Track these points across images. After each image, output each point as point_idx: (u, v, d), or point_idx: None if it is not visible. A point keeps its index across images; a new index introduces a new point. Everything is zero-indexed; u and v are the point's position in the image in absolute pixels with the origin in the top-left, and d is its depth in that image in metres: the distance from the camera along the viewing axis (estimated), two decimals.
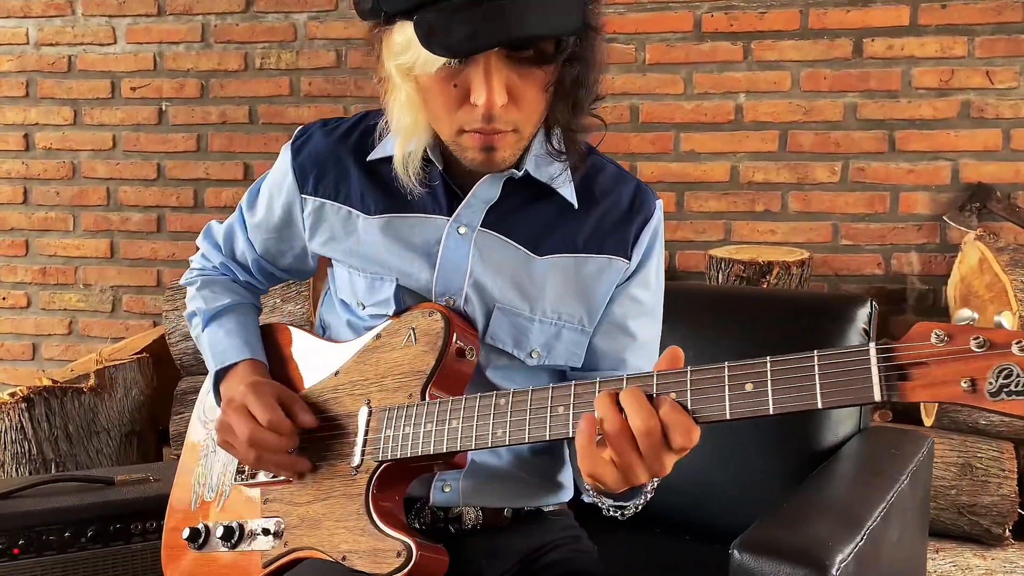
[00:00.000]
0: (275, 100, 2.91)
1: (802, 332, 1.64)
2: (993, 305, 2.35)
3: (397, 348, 1.10)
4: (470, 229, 1.13)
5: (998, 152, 2.56)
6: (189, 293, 1.32)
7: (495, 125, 1.00)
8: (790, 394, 0.78)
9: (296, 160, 1.19)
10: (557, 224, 1.15)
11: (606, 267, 1.15)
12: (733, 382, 0.81)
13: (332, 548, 1.04)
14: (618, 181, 1.19)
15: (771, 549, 0.93)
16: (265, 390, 1.11)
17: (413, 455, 1.01)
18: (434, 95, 1.02)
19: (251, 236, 1.27)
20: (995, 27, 2.54)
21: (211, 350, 1.24)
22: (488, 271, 1.12)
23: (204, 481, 1.24)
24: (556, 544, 1.19)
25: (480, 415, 0.97)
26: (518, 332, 1.13)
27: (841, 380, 0.75)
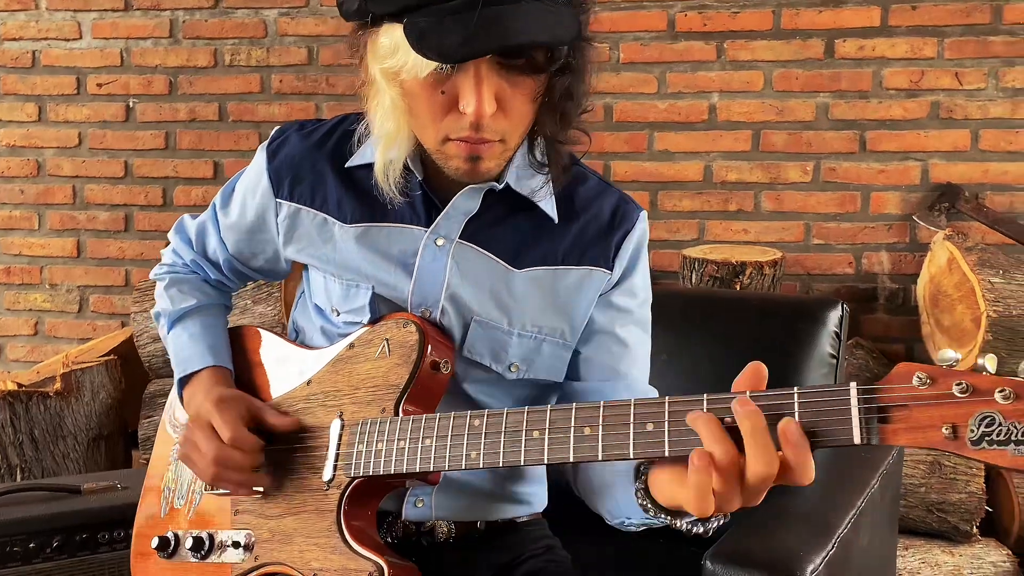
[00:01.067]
0: (245, 97, 2.87)
1: (775, 335, 1.65)
2: (962, 304, 2.38)
3: (371, 359, 1.08)
4: (448, 241, 1.11)
5: (966, 152, 2.59)
6: (157, 290, 1.30)
7: (482, 134, 0.99)
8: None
9: (271, 164, 1.17)
10: (536, 237, 1.13)
11: (586, 278, 1.14)
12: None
13: (303, 565, 1.02)
14: (599, 193, 1.18)
15: (743, 560, 0.93)
16: (231, 406, 1.10)
17: (386, 472, 1.00)
18: (420, 101, 1.00)
19: (224, 235, 1.25)
20: (964, 28, 2.56)
21: (175, 355, 1.22)
22: (466, 284, 1.11)
23: (174, 488, 1.22)
24: (530, 554, 1.19)
25: (454, 435, 0.96)
26: (496, 345, 1.12)
27: (821, 420, 0.74)
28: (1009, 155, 2.58)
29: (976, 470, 2.20)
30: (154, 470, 1.29)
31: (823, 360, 1.60)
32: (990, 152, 2.58)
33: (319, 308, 1.19)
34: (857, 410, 0.72)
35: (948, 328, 2.44)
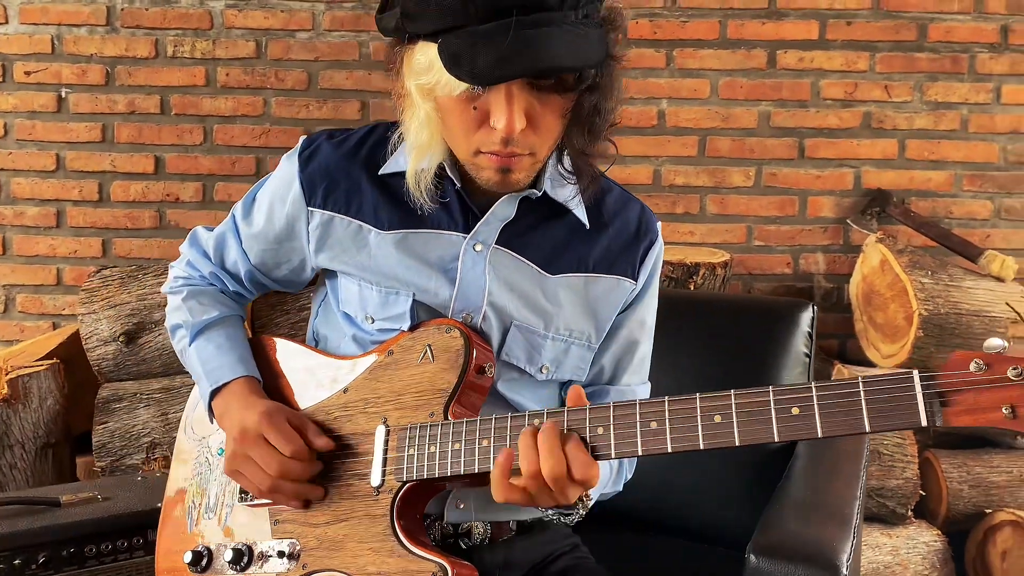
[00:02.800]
0: (189, 90, 2.78)
1: (752, 335, 1.74)
2: (894, 303, 2.55)
3: (412, 365, 1.10)
4: (485, 247, 1.14)
5: (895, 160, 2.77)
6: (172, 303, 1.27)
7: (512, 148, 1.02)
8: (838, 419, 0.84)
9: (304, 172, 1.17)
10: (568, 244, 1.17)
11: (614, 287, 1.19)
12: (779, 405, 0.87)
13: (358, 570, 1.03)
14: (624, 203, 1.23)
15: (786, 553, 1.00)
16: (280, 418, 1.09)
17: (441, 475, 1.02)
18: (453, 116, 1.03)
19: (246, 246, 1.23)
20: (893, 45, 2.74)
21: (202, 367, 1.20)
22: (504, 289, 1.14)
23: (200, 501, 1.20)
24: (560, 552, 1.23)
25: (513, 434, 0.99)
26: (532, 349, 1.16)
27: (886, 406, 0.82)
28: (932, 164, 2.77)
29: (911, 457, 2.37)
30: (175, 483, 1.26)
31: (798, 359, 1.70)
32: (915, 161, 2.77)
33: (348, 316, 1.19)
34: (921, 395, 0.80)
35: (881, 325, 2.61)
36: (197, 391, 1.30)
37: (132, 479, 1.74)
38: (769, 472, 1.49)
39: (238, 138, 2.79)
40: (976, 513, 2.40)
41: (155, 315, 2.30)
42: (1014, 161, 2.77)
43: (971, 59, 2.74)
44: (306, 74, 2.77)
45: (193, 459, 1.25)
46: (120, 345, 2.26)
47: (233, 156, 2.79)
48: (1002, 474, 2.41)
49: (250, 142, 2.79)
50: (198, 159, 2.80)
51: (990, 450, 2.50)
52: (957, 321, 2.46)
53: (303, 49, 2.77)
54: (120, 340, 2.26)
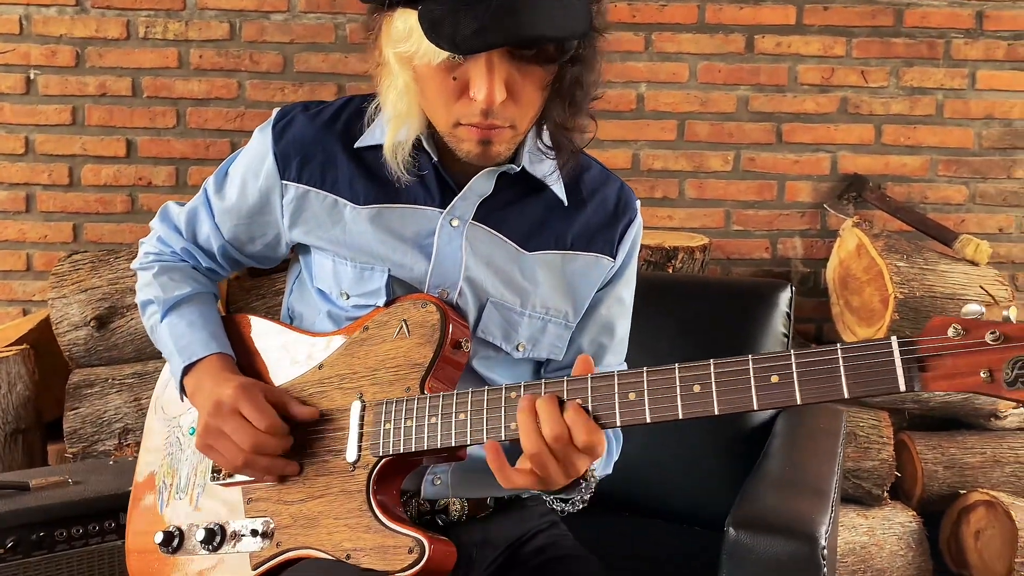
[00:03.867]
0: (162, 72, 2.73)
1: (732, 315, 1.74)
2: (870, 287, 2.57)
3: (388, 340, 1.08)
4: (462, 222, 1.12)
5: (871, 145, 2.79)
6: (143, 279, 1.24)
7: (492, 120, 1.01)
8: (817, 386, 0.83)
9: (278, 145, 1.14)
10: (546, 221, 1.16)
11: (593, 265, 1.18)
12: (758, 374, 0.86)
13: (333, 547, 1.01)
14: (603, 181, 1.21)
15: (764, 526, 0.99)
16: (256, 392, 1.07)
17: (418, 449, 1.01)
18: (432, 86, 1.01)
19: (219, 221, 1.21)
20: (870, 30, 2.75)
21: (174, 343, 1.17)
22: (480, 265, 1.13)
23: (171, 481, 1.18)
24: (538, 530, 1.22)
25: (490, 407, 0.98)
26: (508, 326, 1.14)
27: (866, 372, 0.81)
28: (907, 149, 2.79)
29: (887, 439, 2.39)
30: (145, 465, 1.24)
31: (777, 338, 1.71)
32: (891, 146, 2.79)
33: (323, 292, 1.17)
34: (900, 361, 0.80)
35: (857, 308, 2.62)
36: (167, 371, 1.28)
37: (104, 463, 1.72)
38: (746, 452, 1.49)
39: (212, 121, 2.75)
40: (950, 494, 2.42)
41: (127, 299, 2.26)
42: (988, 146, 2.79)
43: (947, 44, 2.76)
44: (281, 56, 2.74)
45: (164, 440, 1.23)
46: (91, 330, 2.23)
47: (207, 140, 2.75)
48: (976, 455, 2.43)
49: (224, 125, 2.75)
50: (171, 143, 2.75)
51: (964, 432, 2.53)
52: (932, 304, 2.48)
53: (278, 31, 2.73)
54: (91, 325, 2.22)
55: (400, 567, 0.96)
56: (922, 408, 2.53)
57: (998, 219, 2.82)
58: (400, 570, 0.96)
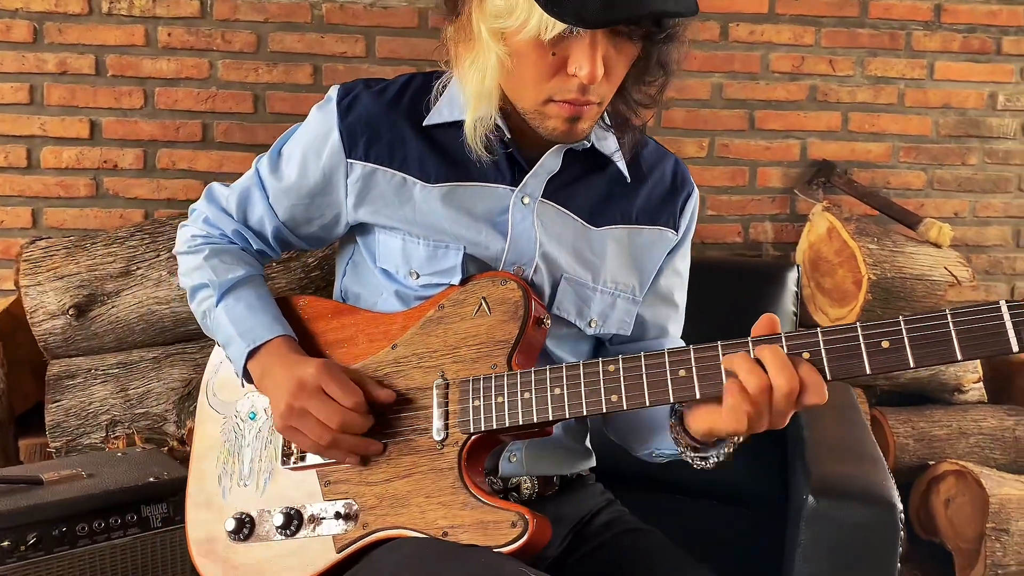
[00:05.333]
0: (127, 51, 2.62)
1: (745, 296, 1.79)
2: (843, 269, 2.66)
3: (467, 318, 1.07)
4: (532, 199, 1.12)
5: (838, 132, 2.88)
6: (190, 262, 1.20)
7: (588, 97, 1.01)
8: (930, 349, 0.87)
9: (344, 122, 1.12)
10: (611, 196, 1.17)
11: (658, 239, 1.20)
12: (868, 340, 0.89)
13: (427, 525, 1.00)
14: (661, 156, 1.23)
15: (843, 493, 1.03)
16: (338, 371, 1.05)
17: (512, 424, 1.00)
18: (528, 62, 1.00)
19: (273, 201, 1.18)
20: (837, 20, 2.84)
21: (235, 328, 1.14)
22: (552, 242, 1.13)
23: (234, 469, 1.15)
24: (600, 507, 1.24)
25: (588, 382, 0.98)
26: (581, 302, 1.15)
27: (977, 334, 0.85)
28: (872, 136, 2.90)
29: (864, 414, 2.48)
30: (201, 452, 1.19)
31: (787, 315, 1.76)
32: (857, 133, 2.89)
33: (388, 272, 1.15)
34: (1010, 323, 0.83)
35: (829, 290, 2.72)
36: (216, 356, 1.24)
37: (111, 455, 1.65)
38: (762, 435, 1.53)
39: (182, 102, 2.65)
40: (920, 465, 2.54)
41: (107, 286, 2.17)
42: (945, 134, 2.92)
43: (907, 36, 2.87)
44: (255, 36, 2.65)
45: (220, 425, 1.19)
46: (70, 319, 2.12)
47: (177, 121, 2.65)
48: (943, 428, 2.56)
49: (195, 106, 2.65)
50: (138, 124, 2.64)
51: (931, 406, 2.65)
52: (902, 285, 2.59)
53: (251, 10, 2.64)
54: (70, 313, 2.12)
55: (504, 541, 0.96)
56: (892, 384, 2.64)
57: (953, 204, 2.96)
58: (504, 544, 0.96)
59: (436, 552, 0.95)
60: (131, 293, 2.16)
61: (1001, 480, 2.37)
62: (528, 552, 0.96)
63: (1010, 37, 2.90)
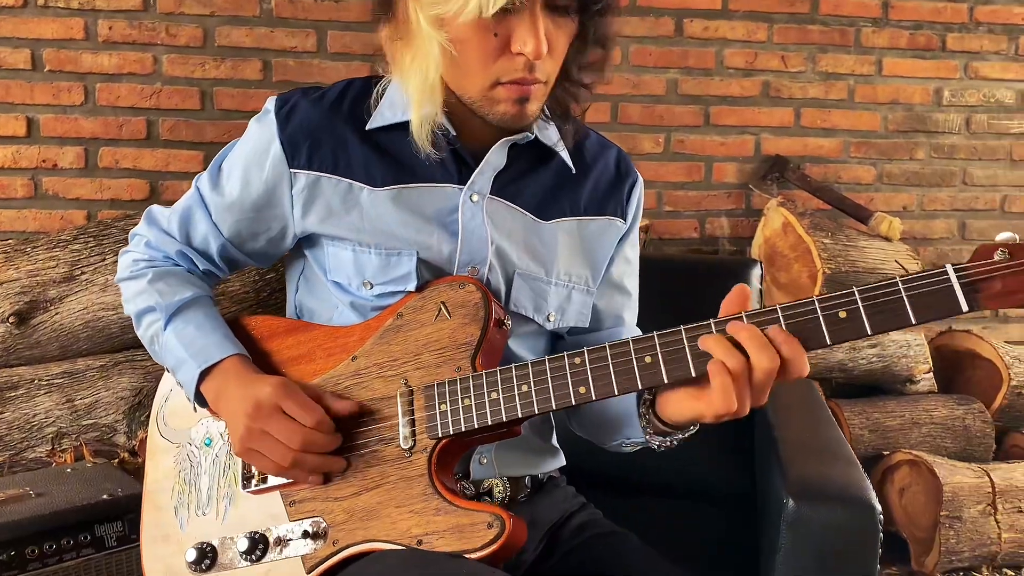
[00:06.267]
0: (66, 44, 2.51)
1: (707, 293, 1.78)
2: (798, 263, 2.69)
3: (427, 324, 1.05)
4: (481, 196, 1.11)
5: (791, 128, 2.91)
6: (134, 288, 1.15)
7: (535, 75, 1.00)
8: (885, 316, 0.86)
9: (284, 131, 1.09)
10: (558, 189, 1.16)
11: (607, 228, 1.19)
12: (826, 312, 0.88)
13: (400, 535, 0.98)
14: (604, 146, 1.24)
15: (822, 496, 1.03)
16: (295, 389, 1.02)
17: (481, 425, 0.98)
18: (471, 46, 0.99)
19: (217, 218, 1.14)
20: (788, 16, 2.86)
21: (184, 350, 1.09)
22: (503, 238, 1.12)
23: (190, 498, 1.10)
24: (573, 511, 1.23)
25: (555, 376, 0.96)
26: (537, 297, 1.14)
27: (927, 298, 0.85)
28: (823, 131, 2.93)
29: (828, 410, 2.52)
30: (155, 484, 1.14)
31: None
32: (809, 128, 2.92)
33: (339, 284, 1.12)
34: (958, 285, 0.85)
35: (785, 284, 2.74)
36: (165, 384, 1.19)
37: (60, 471, 1.58)
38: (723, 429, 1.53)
39: (125, 98, 2.55)
40: (875, 455, 2.58)
41: (49, 292, 2.08)
42: (893, 129, 2.98)
43: (856, 32, 2.91)
44: (201, 30, 2.57)
45: (172, 455, 1.14)
46: (10, 327, 2.03)
47: (120, 118, 2.55)
48: (896, 418, 2.61)
49: (139, 103, 2.56)
50: (79, 121, 2.54)
51: (884, 397, 2.70)
52: (856, 279, 2.63)
53: (196, 3, 2.56)
54: (10, 322, 2.02)
55: (481, 543, 0.93)
56: (847, 377, 2.69)
57: (901, 198, 3.02)
58: (481, 546, 0.93)
59: (418, 562, 0.92)
60: (76, 299, 2.07)
61: (953, 468, 2.42)
62: (505, 553, 0.94)
63: (954, 34, 2.97)
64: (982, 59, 2.99)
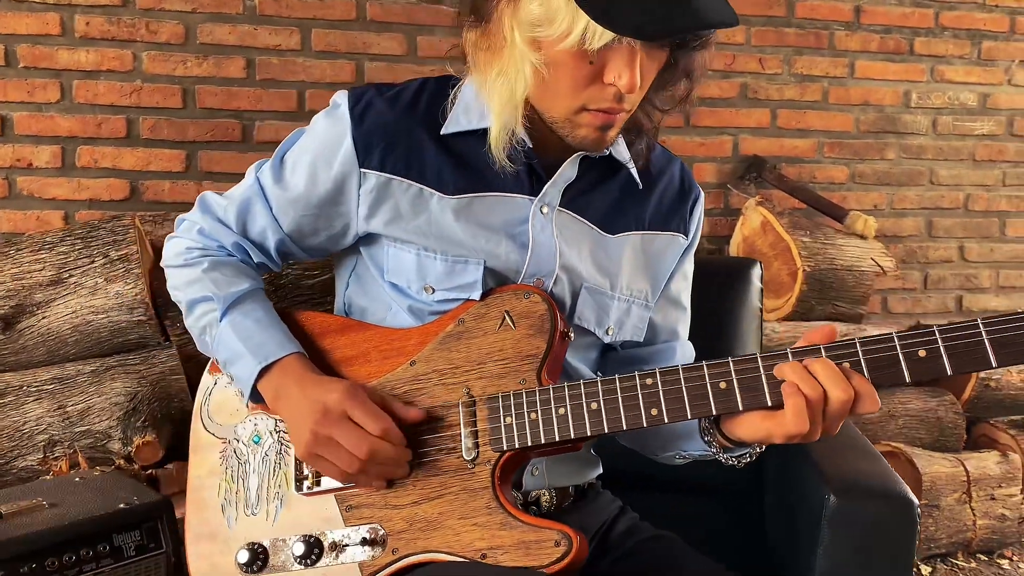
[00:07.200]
0: (41, 40, 2.43)
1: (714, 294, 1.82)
2: (777, 261, 2.75)
3: (490, 332, 1.05)
4: (551, 209, 1.11)
5: (768, 129, 2.97)
6: (186, 275, 1.13)
7: (623, 105, 1.00)
8: (965, 357, 0.89)
9: (358, 130, 1.07)
10: (624, 202, 1.17)
11: (670, 243, 1.20)
12: (905, 350, 0.91)
13: (463, 547, 0.98)
14: (668, 160, 1.24)
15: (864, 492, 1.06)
16: (363, 395, 1.01)
17: (548, 441, 0.99)
18: (566, 71, 0.98)
19: (278, 212, 1.12)
20: (766, 20, 2.92)
21: (244, 344, 1.08)
22: (572, 251, 1.12)
23: (238, 498, 1.08)
24: (615, 516, 1.24)
25: (626, 396, 0.97)
26: (600, 310, 1.14)
27: (1011, 344, 0.87)
28: (799, 132, 3.00)
29: None
30: (199, 481, 1.12)
31: (754, 312, 1.80)
32: (785, 129, 2.99)
33: (397, 286, 1.11)
34: (988, 341, 0.87)
35: (765, 282, 2.80)
36: (207, 379, 1.17)
37: (69, 481, 1.53)
38: None
39: (104, 96, 2.48)
40: None
41: (36, 296, 2.02)
42: (865, 130, 3.06)
43: (830, 36, 2.99)
44: (183, 27, 2.51)
45: (218, 452, 1.12)
46: None
47: (99, 116, 2.49)
48: None
49: (119, 101, 2.49)
50: (55, 119, 2.46)
51: None
52: (834, 276, 2.70)
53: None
54: None
55: (548, 561, 0.94)
56: None
57: (872, 196, 3.11)
58: (549, 563, 0.94)
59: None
60: (63, 302, 2.01)
61: (931, 459, 2.51)
62: (571, 571, 0.94)
63: (921, 38, 3.06)
64: (947, 63, 3.10)
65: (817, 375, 0.89)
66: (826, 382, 0.89)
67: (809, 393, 0.89)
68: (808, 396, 0.89)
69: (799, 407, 0.89)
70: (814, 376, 0.90)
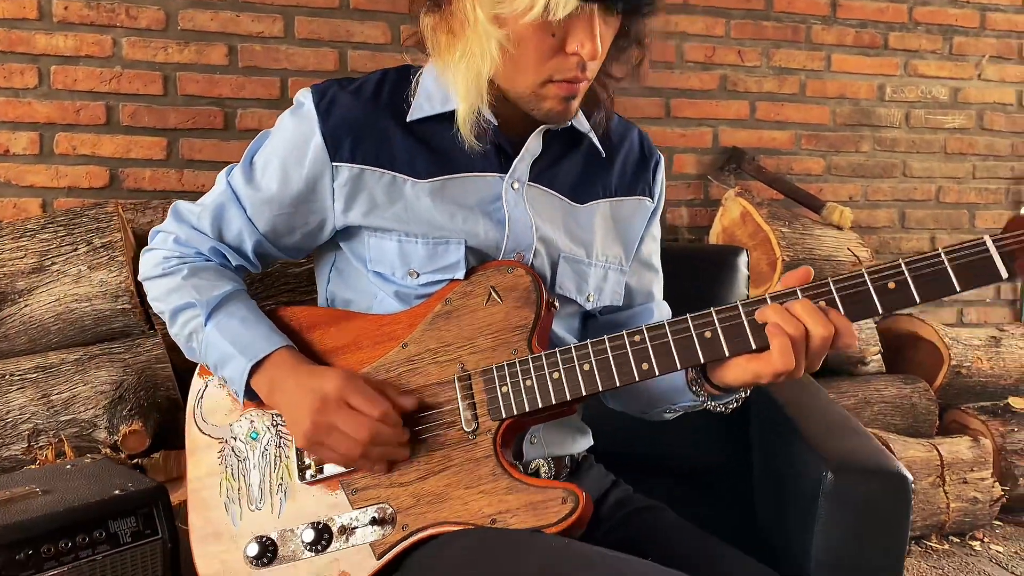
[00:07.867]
0: (18, 24, 2.39)
1: (702, 281, 1.85)
2: (757, 251, 2.79)
3: (478, 309, 1.07)
4: (521, 184, 1.14)
5: (747, 121, 3.01)
6: (167, 285, 1.13)
7: (586, 74, 1.03)
8: (931, 285, 0.92)
9: (326, 125, 1.08)
10: (589, 172, 1.20)
11: (637, 208, 1.24)
12: (876, 284, 0.94)
13: (472, 515, 1.00)
14: (626, 127, 1.27)
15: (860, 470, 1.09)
16: (360, 381, 1.02)
17: (545, 405, 1.01)
18: (530, 45, 1.01)
19: (252, 214, 1.13)
20: (745, 12, 2.96)
21: (232, 345, 1.08)
22: (545, 224, 1.15)
23: (241, 493, 1.09)
24: (608, 487, 1.27)
25: (616, 354, 1.00)
26: (579, 278, 1.18)
27: (969, 267, 0.91)
28: (777, 124, 3.05)
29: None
30: (199, 482, 1.12)
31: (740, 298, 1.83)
32: (763, 121, 3.03)
33: (382, 274, 1.12)
34: (997, 255, 0.91)
35: None
36: (197, 382, 1.17)
37: (60, 469, 1.52)
38: None
39: (83, 82, 2.45)
40: None
41: (18, 284, 1.99)
42: (841, 123, 3.11)
43: (807, 29, 3.03)
44: (163, 12, 2.49)
45: (216, 452, 1.13)
46: None
47: (77, 102, 2.45)
48: (850, 398, 2.74)
49: (98, 87, 2.46)
50: (32, 105, 2.42)
51: (837, 378, 2.83)
52: (813, 265, 2.74)
53: None
54: None
55: (556, 518, 0.96)
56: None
57: (848, 188, 3.16)
58: (557, 521, 0.96)
59: (502, 540, 0.94)
60: (46, 290, 1.99)
61: (906, 444, 2.57)
62: (576, 528, 0.97)
63: (895, 33, 3.12)
64: (920, 57, 3.16)
65: (798, 315, 0.93)
66: (807, 320, 0.92)
67: (792, 332, 0.92)
68: (792, 335, 0.92)
69: (784, 346, 0.92)
70: (795, 316, 0.92)
